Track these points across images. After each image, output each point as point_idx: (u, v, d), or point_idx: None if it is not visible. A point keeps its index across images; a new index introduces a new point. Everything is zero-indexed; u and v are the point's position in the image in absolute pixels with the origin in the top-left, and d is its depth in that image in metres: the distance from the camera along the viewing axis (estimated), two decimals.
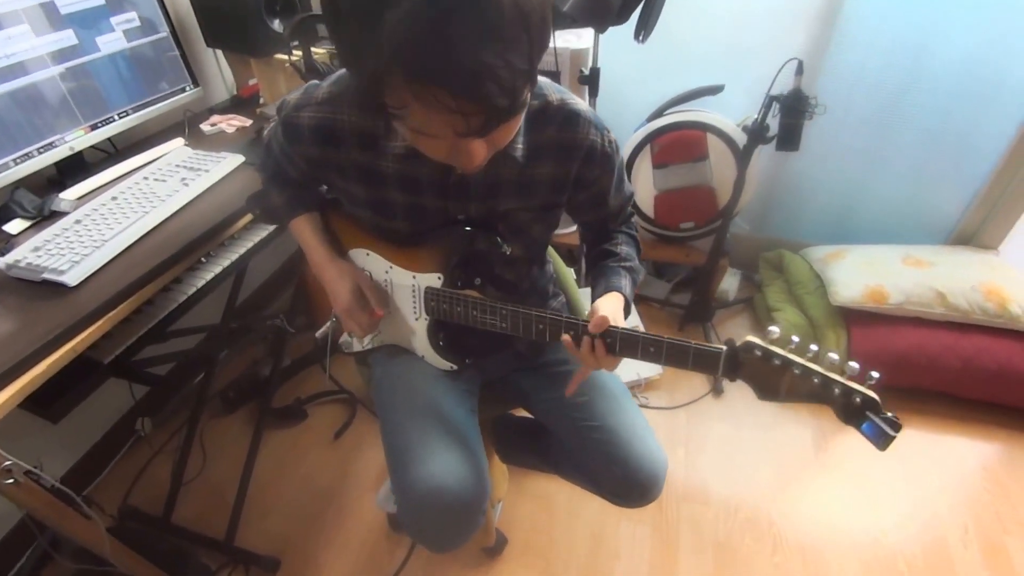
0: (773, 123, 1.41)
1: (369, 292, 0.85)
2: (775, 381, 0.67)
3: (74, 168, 1.15)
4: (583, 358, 0.76)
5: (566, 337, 0.76)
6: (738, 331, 1.88)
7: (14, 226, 1.01)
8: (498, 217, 0.80)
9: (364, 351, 0.99)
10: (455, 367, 0.91)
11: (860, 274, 1.59)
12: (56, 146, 1.08)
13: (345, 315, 0.86)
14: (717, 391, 1.65)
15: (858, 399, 0.63)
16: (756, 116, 1.40)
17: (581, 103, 0.77)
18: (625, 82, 1.72)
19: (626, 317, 0.80)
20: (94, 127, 1.15)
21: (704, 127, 1.60)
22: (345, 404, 1.63)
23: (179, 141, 1.27)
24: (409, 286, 0.87)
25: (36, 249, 0.90)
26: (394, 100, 0.51)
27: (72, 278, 0.85)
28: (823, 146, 1.70)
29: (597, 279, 0.86)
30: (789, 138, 1.37)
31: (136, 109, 1.21)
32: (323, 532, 1.33)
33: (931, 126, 1.60)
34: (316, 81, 0.79)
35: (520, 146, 0.73)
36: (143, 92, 1.23)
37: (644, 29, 1.19)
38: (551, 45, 0.91)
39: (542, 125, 0.74)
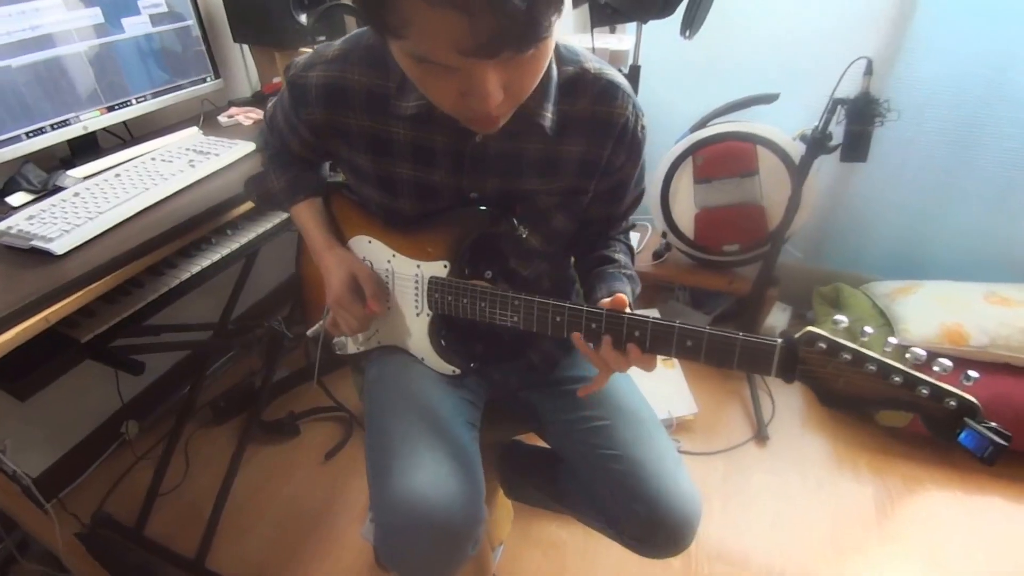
0: (837, 131, 1.26)
1: (366, 284, 0.75)
2: (843, 382, 0.55)
3: (86, 148, 1.13)
4: (603, 358, 0.64)
5: (576, 335, 0.64)
6: None
7: (17, 198, 0.99)
8: (517, 199, 0.70)
9: (359, 353, 0.88)
10: (457, 371, 0.78)
11: (934, 311, 1.39)
12: (70, 124, 1.06)
13: (336, 306, 0.76)
14: (761, 437, 1.45)
15: (953, 403, 0.51)
16: (817, 124, 1.26)
17: (621, 76, 0.69)
18: (667, 87, 1.61)
19: None
20: (111, 109, 1.12)
21: (755, 139, 1.46)
22: (342, 423, 1.51)
23: (194, 129, 1.23)
24: (412, 276, 0.76)
25: (30, 218, 0.87)
26: (395, 15, 0.44)
27: (59, 247, 0.80)
28: (892, 164, 1.54)
29: (594, 285, 0.74)
30: (856, 147, 1.22)
31: (155, 95, 1.19)
32: (301, 562, 1.19)
33: (1017, 146, 1.42)
34: (327, 41, 0.72)
35: (549, 114, 0.64)
36: (163, 78, 1.21)
37: (691, 24, 1.09)
38: (589, 45, 0.81)
39: (576, 95, 0.66)
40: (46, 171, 1.04)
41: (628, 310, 0.62)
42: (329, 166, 0.88)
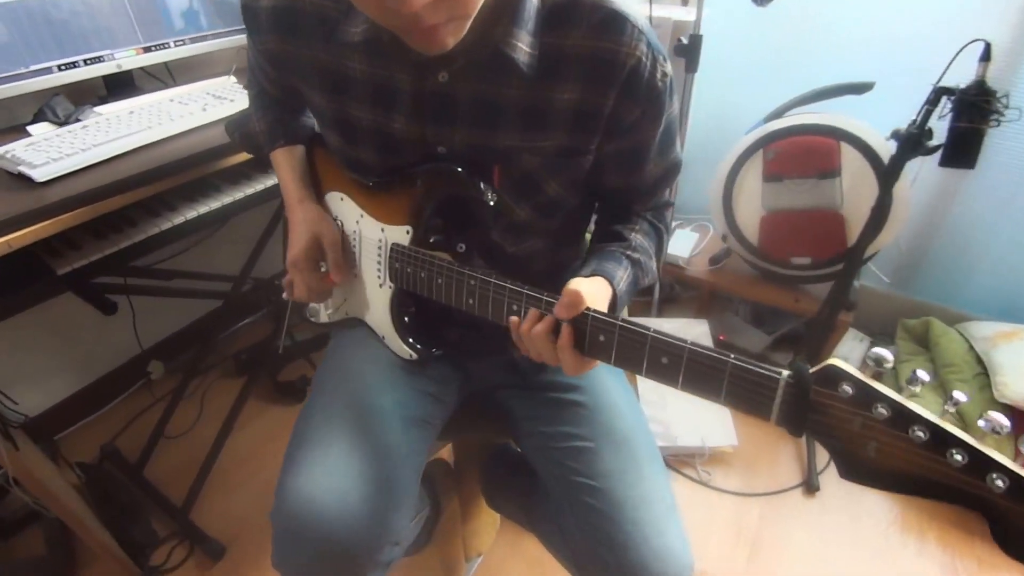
0: (940, 129, 1.02)
1: (329, 250, 0.67)
2: (876, 449, 0.39)
3: (122, 87, 1.13)
4: (535, 346, 0.53)
5: (513, 319, 0.54)
6: None
7: (39, 129, 1.01)
8: (494, 157, 0.59)
9: (329, 323, 0.81)
10: (414, 356, 0.69)
11: None
12: (104, 60, 1.06)
13: (292, 268, 0.68)
14: (811, 486, 1.23)
15: None
16: (914, 118, 1.03)
17: (633, 8, 0.54)
18: (737, 67, 1.41)
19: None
20: (147, 50, 1.12)
21: (839, 134, 1.24)
22: None
23: (226, 78, 1.22)
24: (376, 241, 0.68)
25: (30, 145, 0.88)
26: None
27: (41, 174, 0.80)
28: (1009, 178, 1.26)
29: (586, 261, 0.61)
30: (962, 149, 0.98)
31: (193, 40, 1.18)
32: None
33: None
34: None
35: (524, 47, 0.52)
36: (203, 24, 1.19)
37: None
38: (647, 12, 0.67)
39: (567, 26, 0.52)
40: (76, 106, 1.05)
41: (584, 294, 0.50)
42: None
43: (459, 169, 0.59)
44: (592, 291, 0.52)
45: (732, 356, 0.44)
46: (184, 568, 1.09)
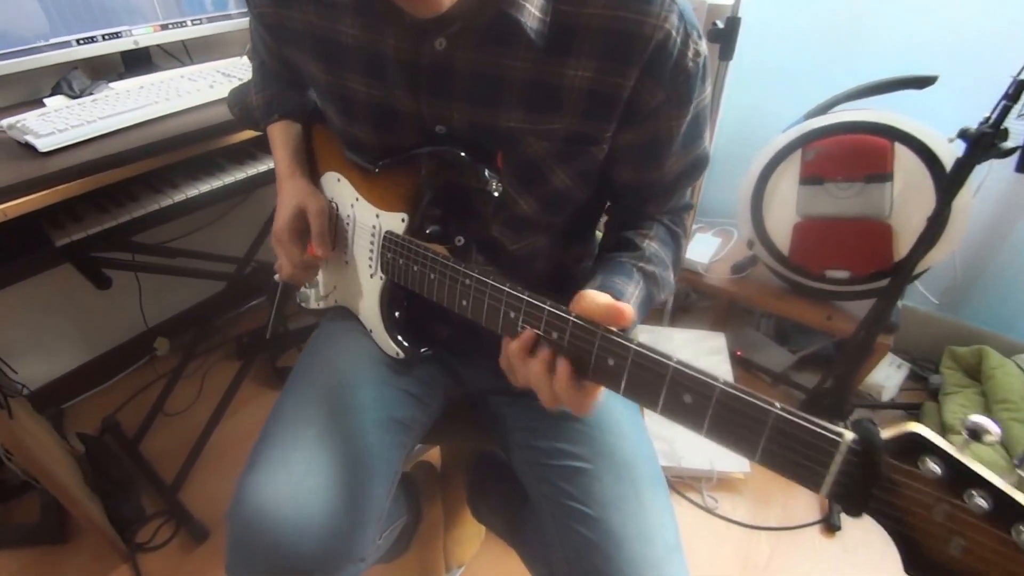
0: (1017, 131, 0.92)
1: (314, 220, 0.63)
2: (963, 548, 0.30)
3: (139, 63, 1.14)
4: (528, 377, 0.46)
5: (508, 340, 0.47)
6: None
7: (54, 102, 1.01)
8: (496, 139, 0.54)
9: (319, 310, 0.78)
10: (400, 354, 0.65)
11: None
12: (122, 36, 1.06)
13: (275, 242, 0.65)
14: (831, 524, 1.13)
15: None
16: (988, 116, 0.93)
17: None
18: (775, 59, 1.30)
19: None
20: (164, 27, 1.12)
21: (893, 133, 1.12)
22: None
23: (239, 58, 1.20)
24: (370, 227, 0.64)
25: (42, 115, 0.87)
26: None
27: (45, 144, 0.80)
28: None
29: (595, 270, 0.55)
30: None
31: (211, 20, 1.18)
32: None
33: None
34: None
35: (535, 10, 0.47)
36: (222, 4, 1.19)
37: None
38: None
39: None
40: (93, 80, 1.06)
41: (607, 314, 0.42)
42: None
43: (462, 154, 0.55)
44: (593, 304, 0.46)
45: (778, 406, 0.35)
46: (168, 548, 1.08)
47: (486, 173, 0.56)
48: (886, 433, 0.32)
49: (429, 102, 0.54)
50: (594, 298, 0.43)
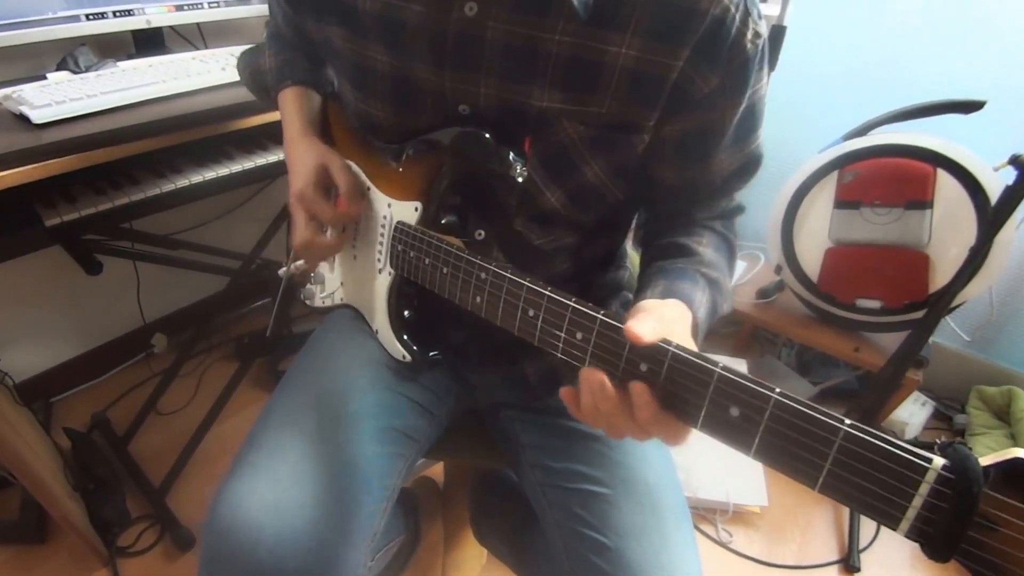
0: None
1: (339, 175, 0.55)
2: None
3: (150, 44, 1.09)
4: (589, 410, 0.39)
5: (564, 391, 0.40)
6: None
7: (57, 76, 0.95)
8: (526, 121, 0.48)
9: (323, 308, 0.72)
10: (407, 357, 0.58)
11: None
12: (134, 15, 1.02)
13: (297, 204, 0.55)
14: (850, 566, 1.06)
15: None
16: None
17: None
18: (815, 76, 1.26)
19: None
20: (180, 8, 1.07)
21: (937, 159, 1.07)
22: None
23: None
24: (381, 218, 0.58)
25: (42, 87, 0.83)
26: None
27: (39, 116, 0.75)
28: None
29: (647, 283, 0.48)
30: None
31: (228, 3, 1.14)
32: None
33: None
34: None
35: None
36: None
37: None
38: None
39: None
40: (100, 59, 1.01)
41: (658, 322, 0.36)
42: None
43: (487, 136, 0.49)
44: (670, 316, 0.39)
45: (847, 422, 0.29)
46: (151, 554, 1.02)
47: (510, 156, 0.49)
48: (985, 460, 0.27)
49: (454, 76, 0.48)
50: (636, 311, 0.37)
